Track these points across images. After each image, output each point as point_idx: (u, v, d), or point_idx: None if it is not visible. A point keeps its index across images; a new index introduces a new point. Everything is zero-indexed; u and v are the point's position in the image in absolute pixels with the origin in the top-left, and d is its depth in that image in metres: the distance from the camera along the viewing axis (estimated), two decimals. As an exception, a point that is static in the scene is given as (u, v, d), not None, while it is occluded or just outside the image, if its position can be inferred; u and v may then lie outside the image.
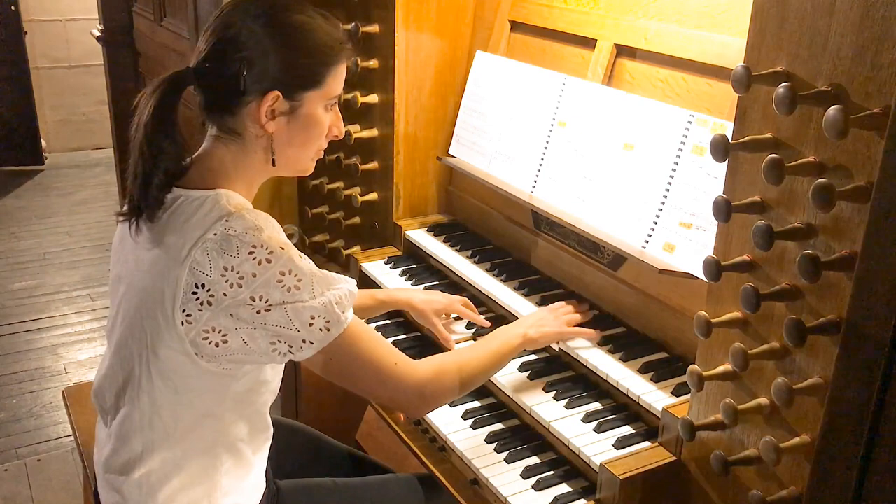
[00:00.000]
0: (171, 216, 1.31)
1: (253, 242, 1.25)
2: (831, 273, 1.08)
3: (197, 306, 1.25)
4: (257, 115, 1.34)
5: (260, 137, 1.37)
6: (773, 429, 1.22)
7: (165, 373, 1.32)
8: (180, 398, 1.34)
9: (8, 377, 3.62)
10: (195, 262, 1.25)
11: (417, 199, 2.38)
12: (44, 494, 2.87)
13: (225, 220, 1.26)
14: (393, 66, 2.20)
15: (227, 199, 1.31)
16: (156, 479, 1.37)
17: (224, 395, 1.36)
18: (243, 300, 1.25)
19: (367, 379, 1.38)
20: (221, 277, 1.24)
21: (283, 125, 1.37)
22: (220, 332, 1.27)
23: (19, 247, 5.01)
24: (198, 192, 1.32)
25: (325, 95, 1.39)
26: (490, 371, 1.60)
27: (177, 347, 1.29)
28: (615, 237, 1.74)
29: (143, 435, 1.36)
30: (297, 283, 1.27)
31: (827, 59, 1.08)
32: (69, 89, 6.70)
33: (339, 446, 1.90)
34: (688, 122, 1.62)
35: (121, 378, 1.38)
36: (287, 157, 1.42)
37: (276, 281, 1.25)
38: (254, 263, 1.24)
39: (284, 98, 1.34)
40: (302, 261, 1.29)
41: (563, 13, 2.02)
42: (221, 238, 1.25)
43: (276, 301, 1.26)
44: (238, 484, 1.44)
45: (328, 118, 1.42)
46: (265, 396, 1.44)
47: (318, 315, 1.29)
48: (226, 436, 1.39)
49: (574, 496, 1.50)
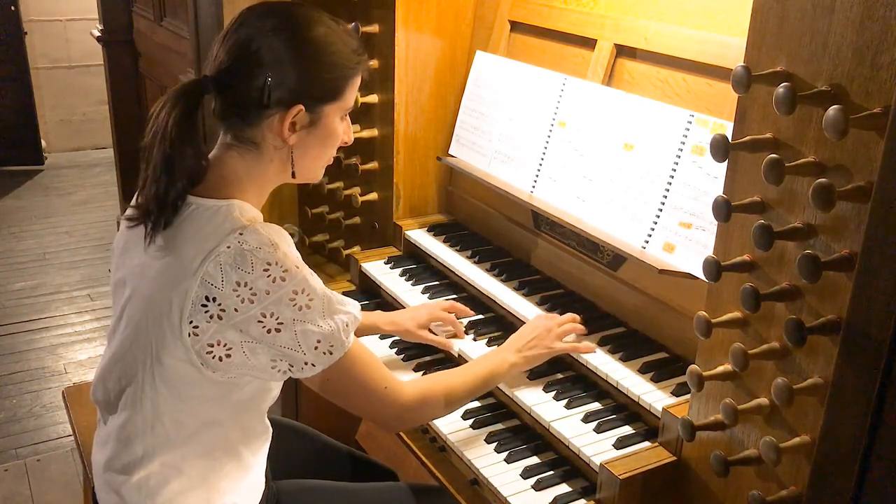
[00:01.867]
0: (182, 224, 1.31)
1: (268, 259, 1.25)
2: (831, 273, 1.08)
3: (205, 318, 1.25)
4: (280, 128, 1.34)
5: (279, 149, 1.38)
6: (773, 429, 1.22)
7: (169, 380, 1.32)
8: (184, 405, 1.34)
9: (8, 377, 3.62)
10: (207, 274, 1.24)
11: (417, 199, 2.38)
12: (44, 494, 2.87)
13: (239, 233, 1.26)
14: (393, 66, 2.20)
15: (240, 211, 1.31)
16: (155, 482, 1.37)
17: (227, 402, 1.37)
18: (254, 316, 1.25)
19: (356, 399, 1.42)
20: (233, 292, 1.24)
21: (303, 137, 1.38)
22: (225, 345, 1.27)
23: (19, 247, 5.01)
24: (211, 202, 1.32)
25: (342, 107, 1.42)
26: (477, 394, 1.62)
27: (181, 357, 1.29)
28: (615, 237, 1.74)
29: (145, 439, 1.36)
30: (308, 302, 1.28)
31: (827, 59, 1.08)
32: (69, 89, 6.70)
33: (339, 446, 1.90)
34: (688, 122, 1.62)
35: (123, 382, 1.38)
36: (303, 167, 1.43)
37: (288, 299, 1.26)
38: (268, 280, 1.25)
39: (307, 112, 1.35)
40: (314, 280, 1.30)
41: (563, 13, 2.02)
42: (236, 252, 1.25)
43: (286, 319, 1.26)
44: (237, 485, 1.44)
45: (342, 128, 1.45)
46: (266, 403, 1.45)
47: (325, 339, 1.30)
48: (226, 440, 1.40)
49: (574, 496, 1.50)
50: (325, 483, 1.69)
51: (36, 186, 6.11)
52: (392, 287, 2.13)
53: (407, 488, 1.70)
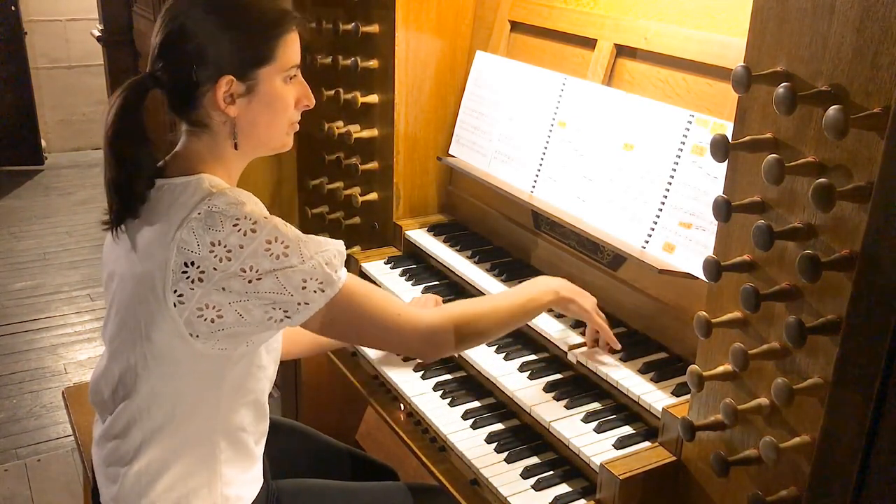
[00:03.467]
0: (155, 204, 1.32)
1: (236, 215, 1.26)
2: (831, 273, 1.08)
3: (188, 285, 1.26)
4: (216, 102, 1.33)
5: (226, 123, 1.36)
6: (773, 429, 1.22)
7: (160, 358, 1.32)
8: (176, 384, 1.34)
9: (8, 377, 3.62)
10: (182, 241, 1.25)
11: (417, 199, 2.38)
12: (44, 494, 2.87)
13: (208, 199, 1.28)
14: (393, 66, 2.20)
15: (209, 182, 1.32)
16: (154, 469, 1.37)
17: (220, 380, 1.36)
18: (234, 272, 1.25)
19: (371, 333, 1.40)
20: (210, 253, 1.25)
21: (245, 106, 1.36)
22: (214, 307, 1.27)
23: (19, 247, 5.01)
24: (180, 179, 1.33)
25: (280, 69, 1.37)
26: (511, 326, 1.57)
27: (170, 330, 1.29)
28: (615, 237, 1.74)
29: (142, 425, 1.37)
30: (284, 249, 1.28)
31: (827, 59, 1.08)
32: (69, 89, 6.70)
33: (339, 446, 1.90)
34: (688, 122, 1.62)
35: (117, 371, 1.38)
36: (258, 138, 1.41)
37: (263, 250, 1.26)
38: (239, 235, 1.25)
39: (238, 80, 1.33)
40: (287, 228, 1.30)
41: (563, 13, 2.02)
42: (205, 215, 1.26)
43: (265, 269, 1.26)
44: (239, 475, 1.44)
45: (292, 90, 1.41)
46: (262, 383, 1.44)
47: (310, 277, 1.29)
48: (224, 424, 1.40)
49: (574, 496, 1.50)
50: (325, 483, 1.69)
51: (36, 186, 6.11)
52: (392, 287, 2.13)
53: (407, 488, 1.70)
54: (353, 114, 2.36)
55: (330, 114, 2.44)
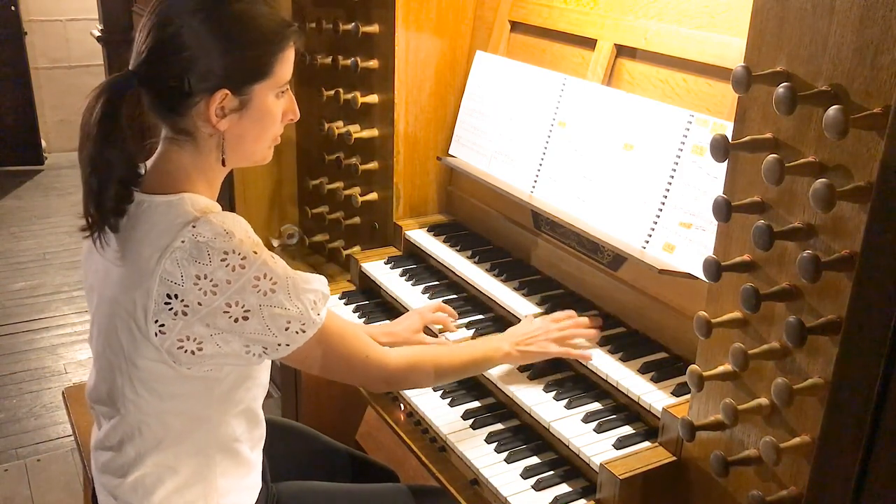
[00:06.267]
0: (136, 224, 1.28)
1: (225, 248, 1.22)
2: (831, 273, 1.08)
3: (170, 316, 1.23)
4: (207, 114, 1.28)
5: (212, 136, 1.32)
6: (773, 429, 1.22)
7: (147, 382, 1.31)
8: (166, 405, 1.33)
9: (8, 377, 3.62)
10: (165, 272, 1.22)
11: (417, 199, 2.38)
12: (44, 494, 2.87)
13: (192, 225, 1.23)
14: (393, 66, 2.20)
15: (191, 204, 1.28)
16: (150, 482, 1.36)
17: (210, 397, 1.35)
18: (219, 307, 1.23)
19: (338, 369, 1.45)
20: (194, 286, 1.22)
21: (236, 121, 1.32)
22: (195, 340, 1.26)
23: (19, 247, 5.01)
24: (161, 198, 1.29)
25: (274, 84, 1.34)
26: (465, 373, 1.67)
27: (154, 357, 1.27)
28: (615, 237, 1.74)
29: (134, 442, 1.36)
30: (272, 286, 1.26)
31: (827, 59, 1.08)
32: (69, 89, 6.69)
33: (339, 447, 1.90)
34: (688, 122, 1.62)
35: (104, 390, 1.38)
36: (243, 151, 1.37)
37: (251, 286, 1.24)
38: (228, 270, 1.22)
39: (233, 95, 1.29)
40: (275, 263, 1.28)
41: (563, 13, 2.02)
42: (191, 245, 1.22)
43: (252, 306, 1.25)
44: (236, 483, 1.43)
45: (280, 105, 1.37)
46: (253, 392, 1.42)
47: (294, 320, 1.29)
48: (218, 436, 1.39)
49: (574, 496, 1.50)
50: (325, 485, 1.68)
51: (36, 186, 6.11)
52: (392, 287, 2.13)
53: (407, 490, 1.70)
54: (353, 114, 2.36)
55: (330, 114, 2.44)
